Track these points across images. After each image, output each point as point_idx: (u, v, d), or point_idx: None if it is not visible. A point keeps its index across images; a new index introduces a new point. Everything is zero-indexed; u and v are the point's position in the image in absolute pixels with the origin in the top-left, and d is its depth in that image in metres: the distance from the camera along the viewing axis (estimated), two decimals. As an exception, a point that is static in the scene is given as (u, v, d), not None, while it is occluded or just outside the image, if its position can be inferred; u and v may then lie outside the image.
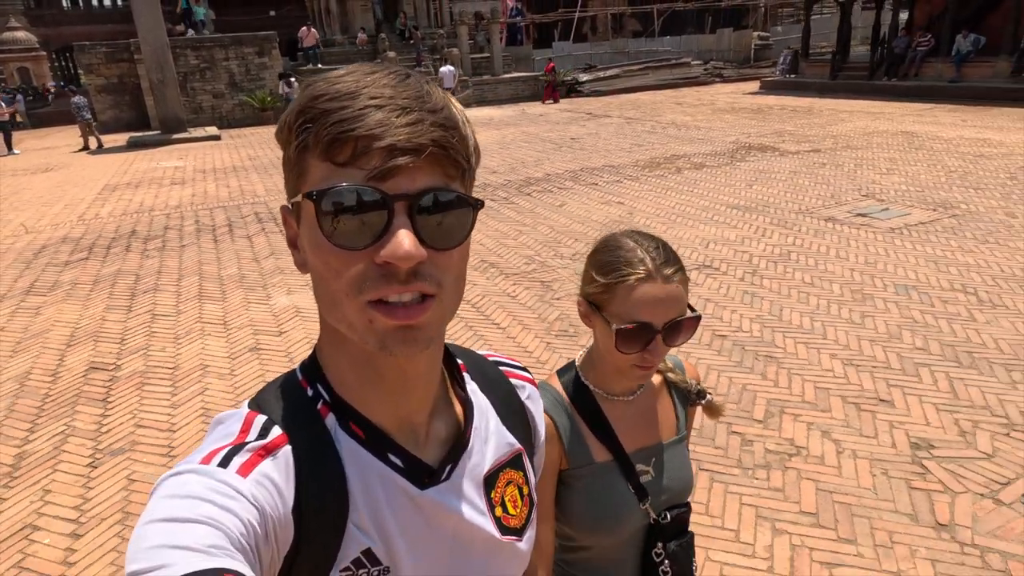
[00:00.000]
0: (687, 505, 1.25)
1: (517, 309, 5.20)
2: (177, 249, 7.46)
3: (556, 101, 22.39)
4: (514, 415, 0.79)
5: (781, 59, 23.97)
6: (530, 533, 0.76)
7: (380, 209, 0.53)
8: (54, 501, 3.19)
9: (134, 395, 4.18)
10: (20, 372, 4.60)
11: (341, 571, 0.60)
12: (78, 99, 17.60)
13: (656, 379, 1.26)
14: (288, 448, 0.60)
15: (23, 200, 11.03)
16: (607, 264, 1.09)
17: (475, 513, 0.69)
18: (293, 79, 20.29)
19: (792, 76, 22.73)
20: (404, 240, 0.52)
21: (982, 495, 2.87)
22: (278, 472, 0.58)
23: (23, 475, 3.41)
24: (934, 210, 7.20)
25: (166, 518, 0.49)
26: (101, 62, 21.11)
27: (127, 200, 10.42)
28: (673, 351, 1.22)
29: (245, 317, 5.35)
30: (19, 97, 21.20)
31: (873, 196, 7.93)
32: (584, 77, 25.25)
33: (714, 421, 1.31)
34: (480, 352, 0.84)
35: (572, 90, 24.34)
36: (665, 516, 1.20)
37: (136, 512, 3.04)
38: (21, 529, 3.00)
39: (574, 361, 1.25)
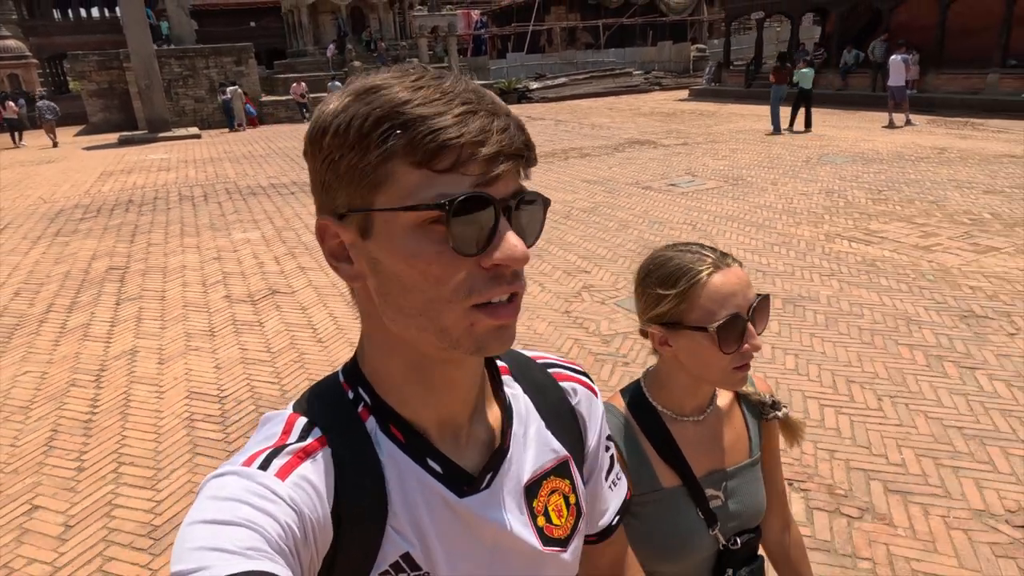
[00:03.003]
0: (757, 529, 1.20)
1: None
2: (164, 210, 9.95)
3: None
4: (561, 420, 0.77)
5: (707, 69, 26.78)
6: (576, 543, 0.75)
7: (490, 214, 0.54)
8: (100, 317, 5.66)
9: (138, 280, 6.66)
10: (62, 272, 7.06)
11: (380, 574, 0.61)
12: (43, 103, 20.23)
13: (726, 398, 1.20)
14: (328, 450, 0.60)
15: (35, 182, 13.43)
16: (671, 275, 1.06)
17: (516, 523, 0.68)
18: (228, 88, 22.33)
19: (715, 84, 25.51)
20: (517, 243, 0.54)
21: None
22: (317, 474, 0.58)
23: (77, 312, 5.87)
24: (725, 181, 9.82)
25: (208, 520, 0.51)
26: (93, 69, 23.49)
27: (123, 181, 12.87)
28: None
29: (212, 244, 7.85)
30: (21, 101, 23.52)
31: (693, 173, 10.55)
32: (534, 85, 27.92)
33: (791, 445, 1.28)
34: (528, 353, 0.82)
35: (523, 97, 26.98)
36: (735, 542, 1.15)
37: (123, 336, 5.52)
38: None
39: (639, 381, 1.20)
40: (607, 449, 0.84)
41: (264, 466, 0.57)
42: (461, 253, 0.54)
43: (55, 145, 19.93)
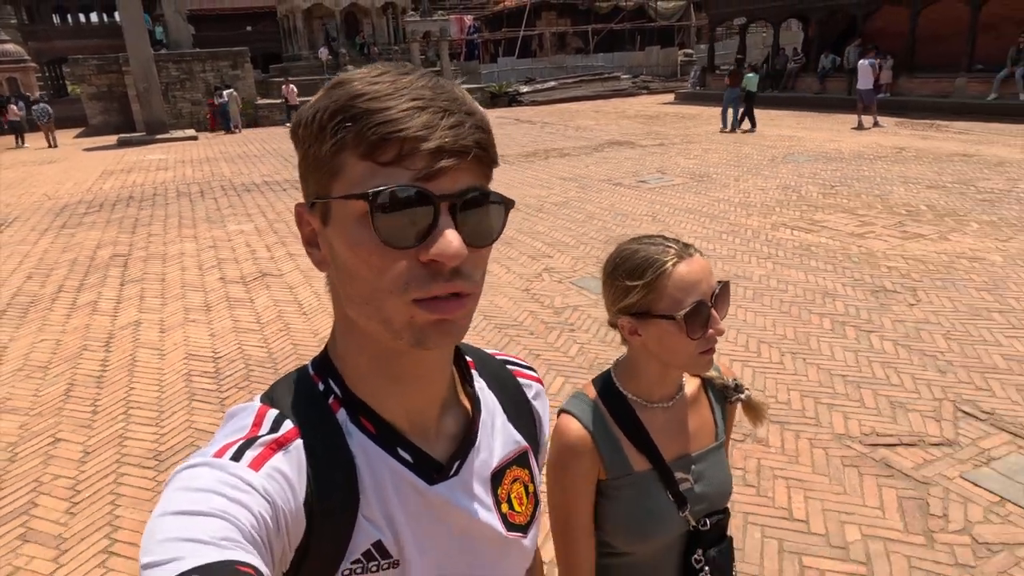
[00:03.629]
0: (726, 511, 1.25)
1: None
2: (163, 205, 10.53)
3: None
4: (521, 413, 0.80)
5: (692, 74, 27.46)
6: (534, 531, 0.78)
7: (428, 209, 0.54)
8: (106, 296, 6.24)
9: (140, 265, 7.24)
10: (70, 259, 7.64)
11: (352, 563, 0.62)
12: (39, 107, 20.91)
13: (692, 384, 1.25)
14: (300, 442, 0.61)
15: (39, 181, 14.01)
16: (638, 267, 1.11)
17: (482, 509, 0.70)
18: (225, 91, 22.94)
19: (700, 88, 26.18)
20: (453, 239, 0.54)
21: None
22: (289, 466, 0.59)
23: (85, 291, 6.45)
24: (691, 178, 10.44)
25: (179, 511, 0.51)
26: (92, 73, 24.06)
27: (123, 179, 13.45)
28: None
29: (208, 235, 8.44)
30: (21, 104, 24.09)
31: (663, 171, 11.17)
32: (524, 89, 28.57)
33: (756, 425, 1.36)
34: (487, 350, 0.85)
35: (513, 100, 27.64)
36: (705, 523, 1.19)
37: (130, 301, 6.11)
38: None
39: (609, 371, 1.24)
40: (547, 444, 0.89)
41: (236, 457, 0.57)
42: (390, 245, 0.55)
43: (52, 146, 20.57)
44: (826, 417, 3.60)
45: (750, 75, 15.97)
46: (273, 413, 0.63)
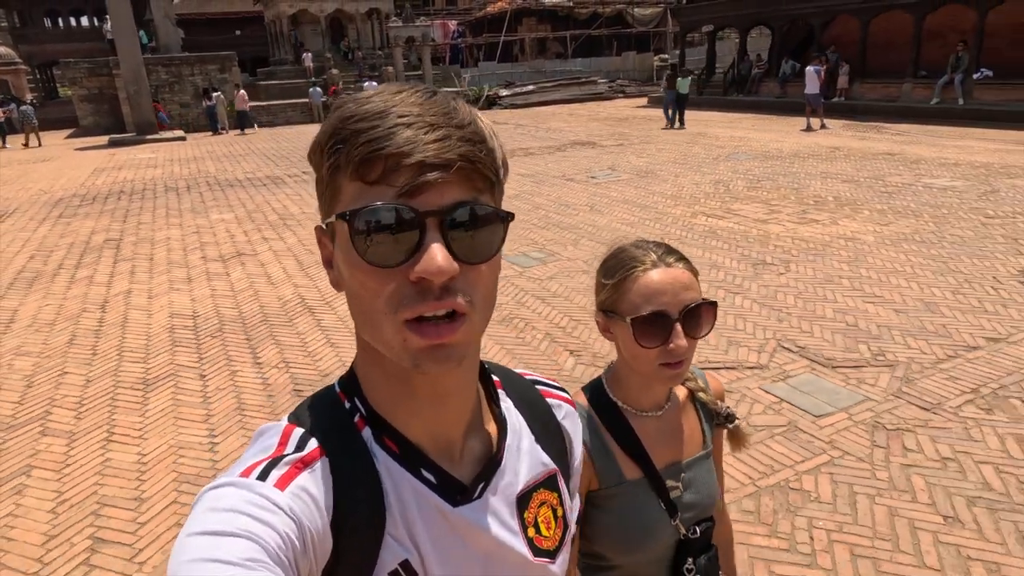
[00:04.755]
0: (712, 519, 1.26)
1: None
2: (152, 198, 11.45)
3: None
4: (550, 435, 0.79)
5: (664, 78, 28.52)
6: (563, 556, 0.76)
7: (412, 226, 0.54)
8: (101, 271, 7.15)
9: (131, 247, 8.16)
10: (67, 243, 8.55)
11: None
12: (26, 108, 21.94)
13: (682, 393, 1.26)
14: (325, 461, 0.61)
15: (34, 178, 14.87)
16: (613, 267, 1.13)
17: (507, 533, 0.69)
18: (214, 93, 23.77)
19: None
20: (437, 255, 0.53)
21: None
22: (315, 485, 0.59)
23: (82, 268, 7.35)
24: (637, 175, 11.43)
25: (205, 531, 0.51)
26: (84, 76, 24.90)
27: (114, 176, 14.34)
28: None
29: (193, 223, 9.36)
30: (12, 105, 24.88)
31: (613, 168, 12.16)
32: (504, 92, 29.58)
33: (736, 450, 1.35)
34: (516, 371, 0.85)
35: (492, 104, 28.64)
36: (694, 531, 1.20)
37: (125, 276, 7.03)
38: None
39: (600, 378, 1.25)
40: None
41: (262, 477, 0.57)
42: (375, 265, 0.55)
43: (30, 146, 21.69)
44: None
45: (681, 79, 18.40)
46: (299, 432, 0.63)
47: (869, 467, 3.23)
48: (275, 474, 0.58)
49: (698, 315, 1.09)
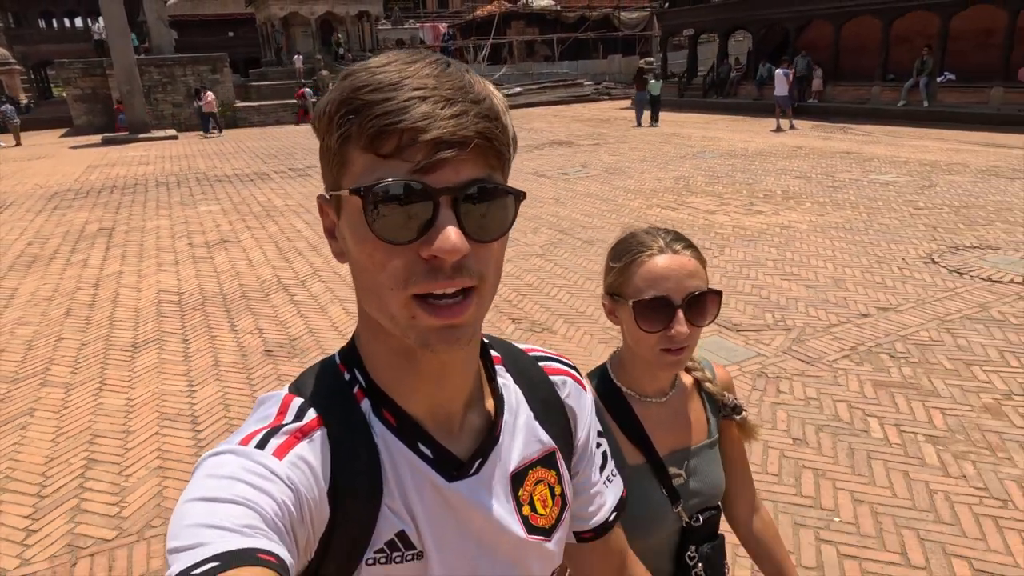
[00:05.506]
0: (718, 508, 1.26)
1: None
2: (143, 192, 12.01)
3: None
4: (550, 412, 0.78)
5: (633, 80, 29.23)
6: (560, 534, 0.76)
7: (426, 203, 0.53)
8: (95, 256, 7.71)
9: (123, 235, 8.72)
10: (63, 231, 9.11)
11: (375, 552, 0.62)
12: (5, 107, 22.49)
13: (687, 381, 1.26)
14: (324, 431, 0.62)
15: (30, 174, 15.40)
16: (621, 251, 1.14)
17: (501, 510, 0.69)
18: (202, 92, 24.18)
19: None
20: (451, 234, 0.53)
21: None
22: (313, 454, 0.60)
23: (77, 253, 7.91)
24: (606, 171, 12.04)
25: (205, 497, 0.52)
26: (78, 76, 25.38)
27: (107, 172, 14.89)
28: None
29: (181, 214, 9.93)
30: (5, 107, 25.36)
31: (585, 165, 12.78)
32: (491, 94, 30.19)
33: (746, 443, 1.33)
34: (521, 345, 0.83)
35: (480, 104, 29.23)
36: (698, 519, 1.20)
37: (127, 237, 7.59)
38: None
39: (605, 364, 1.25)
40: (599, 445, 0.86)
41: (261, 445, 0.58)
42: (387, 241, 0.54)
43: (4, 145, 22.26)
44: (596, 316, 5.17)
45: (652, 81, 19.32)
46: (298, 402, 0.64)
47: (744, 404, 3.84)
48: (274, 443, 0.59)
49: (702, 303, 1.09)
